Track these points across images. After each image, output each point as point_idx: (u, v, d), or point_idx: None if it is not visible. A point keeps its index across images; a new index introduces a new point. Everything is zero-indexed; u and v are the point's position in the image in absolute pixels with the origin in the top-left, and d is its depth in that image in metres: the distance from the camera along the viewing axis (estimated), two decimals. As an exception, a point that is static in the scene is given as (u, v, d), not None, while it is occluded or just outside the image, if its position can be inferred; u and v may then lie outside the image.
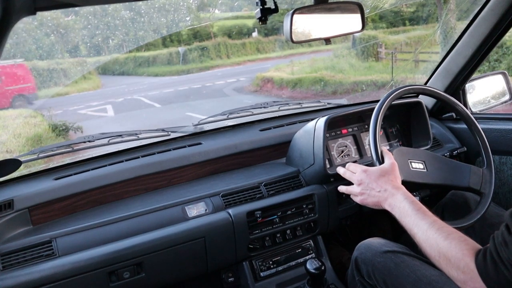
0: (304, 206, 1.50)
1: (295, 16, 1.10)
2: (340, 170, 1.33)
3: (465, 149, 1.77)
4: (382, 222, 1.98)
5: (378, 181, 1.18)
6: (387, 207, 1.14)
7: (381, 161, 1.24)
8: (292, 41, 1.13)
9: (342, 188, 1.32)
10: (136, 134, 1.65)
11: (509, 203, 1.69)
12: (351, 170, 1.28)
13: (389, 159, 1.24)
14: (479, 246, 0.90)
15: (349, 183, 1.53)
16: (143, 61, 20.05)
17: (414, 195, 1.49)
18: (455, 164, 1.37)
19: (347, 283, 1.38)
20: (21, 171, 1.39)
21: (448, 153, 1.73)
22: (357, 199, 1.24)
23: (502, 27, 1.57)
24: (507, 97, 1.89)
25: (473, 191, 1.34)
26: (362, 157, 1.67)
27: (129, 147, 1.63)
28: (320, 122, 1.52)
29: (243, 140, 1.69)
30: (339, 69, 12.03)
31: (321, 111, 1.95)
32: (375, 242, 1.25)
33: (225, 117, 1.83)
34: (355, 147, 1.68)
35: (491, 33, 1.60)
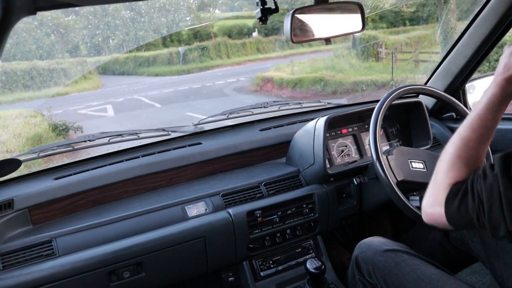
0: (304, 206, 1.50)
1: (295, 16, 1.10)
2: None
3: (465, 149, 1.76)
4: (383, 221, 1.98)
5: None
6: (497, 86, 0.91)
7: (381, 161, 1.24)
8: (292, 41, 1.13)
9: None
10: (136, 133, 1.65)
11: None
12: None
13: None
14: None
15: (344, 186, 1.52)
16: (143, 61, 20.05)
17: (414, 195, 1.50)
18: (455, 164, 1.37)
19: (347, 283, 1.39)
20: (21, 171, 1.39)
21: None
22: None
23: (503, 27, 1.57)
24: (507, 97, 1.89)
25: (473, 191, 1.34)
26: (362, 157, 1.67)
27: (129, 147, 1.63)
28: (320, 122, 1.52)
29: (243, 140, 1.69)
30: (339, 69, 12.02)
31: (321, 111, 1.95)
32: (375, 241, 1.25)
33: (225, 117, 1.83)
34: (355, 147, 1.68)
35: (492, 33, 1.60)
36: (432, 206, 0.88)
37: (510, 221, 0.74)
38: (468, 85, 1.84)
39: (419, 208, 1.24)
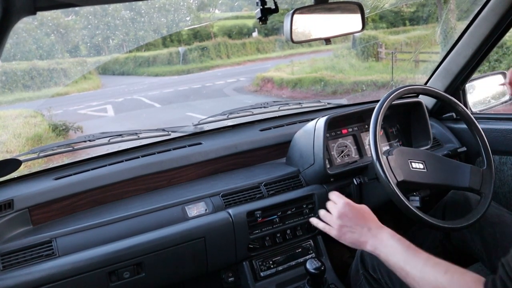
0: (304, 206, 1.50)
1: (295, 16, 1.10)
2: (320, 212, 1.21)
3: (465, 149, 1.77)
4: (383, 221, 1.98)
5: (363, 217, 1.09)
6: (369, 247, 1.03)
7: (381, 161, 1.24)
8: (292, 41, 1.13)
9: (314, 221, 1.20)
10: (136, 133, 1.65)
11: (509, 203, 1.69)
12: (333, 200, 1.19)
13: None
14: (483, 278, 0.82)
15: (344, 187, 1.52)
16: (143, 61, 20.08)
17: (414, 195, 1.50)
18: (455, 164, 1.37)
19: (348, 282, 1.39)
20: (21, 171, 1.39)
21: (448, 153, 1.73)
22: (333, 232, 1.13)
23: (502, 27, 1.57)
24: (507, 97, 1.89)
25: (473, 191, 1.34)
26: (362, 157, 1.67)
27: (129, 147, 1.63)
28: (320, 122, 1.52)
29: (243, 140, 1.69)
30: (339, 69, 12.04)
31: (321, 111, 1.95)
32: None
33: (225, 117, 1.83)
34: (355, 147, 1.68)
35: (491, 33, 1.60)
36: None
37: None
38: (468, 85, 1.84)
39: (419, 208, 1.24)
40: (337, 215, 1.13)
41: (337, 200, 1.17)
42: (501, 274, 0.78)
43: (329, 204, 1.19)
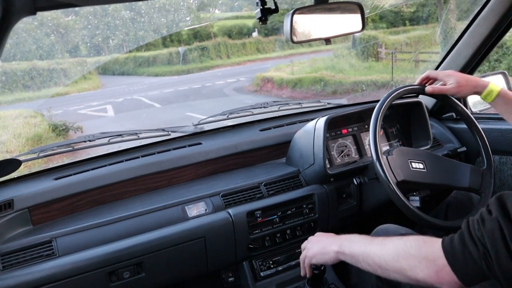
0: (304, 206, 1.50)
1: (295, 16, 1.10)
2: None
3: (465, 149, 1.77)
4: (383, 221, 1.98)
5: (322, 235, 1.15)
6: (334, 247, 1.05)
7: (381, 161, 1.24)
8: (292, 41, 1.13)
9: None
10: (136, 133, 1.65)
11: (509, 203, 1.69)
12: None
13: None
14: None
15: (344, 187, 1.52)
16: (143, 61, 20.08)
17: (414, 195, 1.50)
18: (455, 164, 1.37)
19: (349, 276, 1.39)
20: (21, 171, 1.39)
21: (448, 153, 1.73)
22: (301, 259, 1.17)
23: (502, 27, 1.57)
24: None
25: (473, 191, 1.34)
26: (362, 157, 1.67)
27: (129, 147, 1.63)
28: (320, 122, 1.52)
29: (243, 140, 1.69)
30: (339, 69, 12.04)
31: (321, 111, 1.95)
32: (392, 226, 1.27)
33: (225, 117, 1.83)
34: (355, 147, 1.68)
35: (491, 33, 1.60)
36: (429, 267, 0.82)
37: None
38: (468, 85, 1.84)
39: (419, 208, 1.24)
40: (303, 251, 1.16)
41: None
42: (464, 231, 0.79)
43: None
